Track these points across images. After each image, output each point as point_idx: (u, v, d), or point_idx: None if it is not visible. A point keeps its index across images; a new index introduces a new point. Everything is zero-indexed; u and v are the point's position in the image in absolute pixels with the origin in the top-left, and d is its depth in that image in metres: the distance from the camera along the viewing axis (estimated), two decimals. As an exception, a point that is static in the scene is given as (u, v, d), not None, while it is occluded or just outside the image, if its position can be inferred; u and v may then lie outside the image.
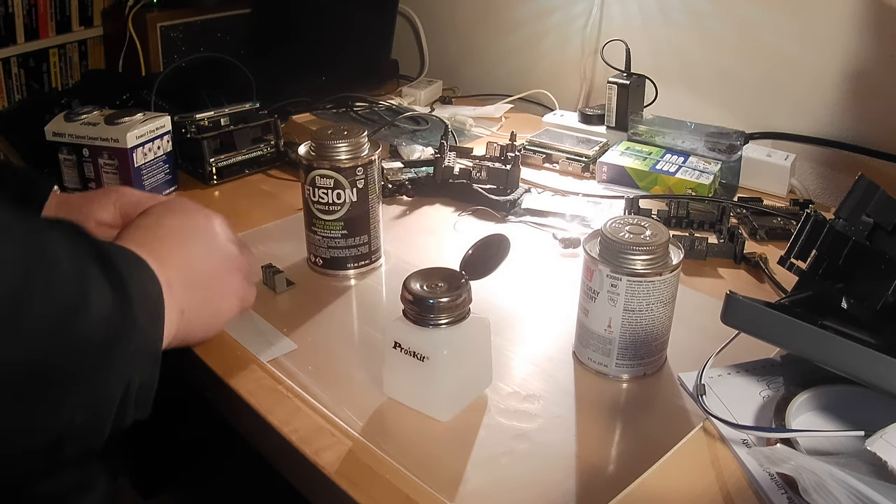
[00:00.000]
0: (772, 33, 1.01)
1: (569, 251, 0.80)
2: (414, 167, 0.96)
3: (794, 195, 0.96)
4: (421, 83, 1.37)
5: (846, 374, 0.50)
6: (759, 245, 0.82)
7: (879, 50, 0.92)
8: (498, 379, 0.59)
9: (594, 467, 0.51)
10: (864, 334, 0.55)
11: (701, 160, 0.96)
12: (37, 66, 1.46)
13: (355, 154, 0.71)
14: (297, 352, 0.63)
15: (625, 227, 0.57)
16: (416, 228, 0.87)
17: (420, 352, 0.53)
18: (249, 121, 1.02)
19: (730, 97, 1.09)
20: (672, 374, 0.61)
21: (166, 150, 0.96)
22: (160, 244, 0.51)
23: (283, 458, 0.55)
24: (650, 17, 1.14)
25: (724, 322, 0.54)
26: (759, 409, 0.55)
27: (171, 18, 1.45)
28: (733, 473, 0.50)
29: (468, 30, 1.44)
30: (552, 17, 1.28)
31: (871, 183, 0.64)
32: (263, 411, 0.56)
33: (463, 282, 0.53)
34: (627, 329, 0.57)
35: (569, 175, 1.02)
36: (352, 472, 0.50)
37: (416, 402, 0.56)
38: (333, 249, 0.74)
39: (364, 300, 0.73)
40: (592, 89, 1.27)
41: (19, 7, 1.39)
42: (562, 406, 0.57)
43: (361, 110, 1.26)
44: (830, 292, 0.63)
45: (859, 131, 0.97)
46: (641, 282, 0.55)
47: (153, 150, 0.93)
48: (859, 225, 0.63)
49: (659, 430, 0.54)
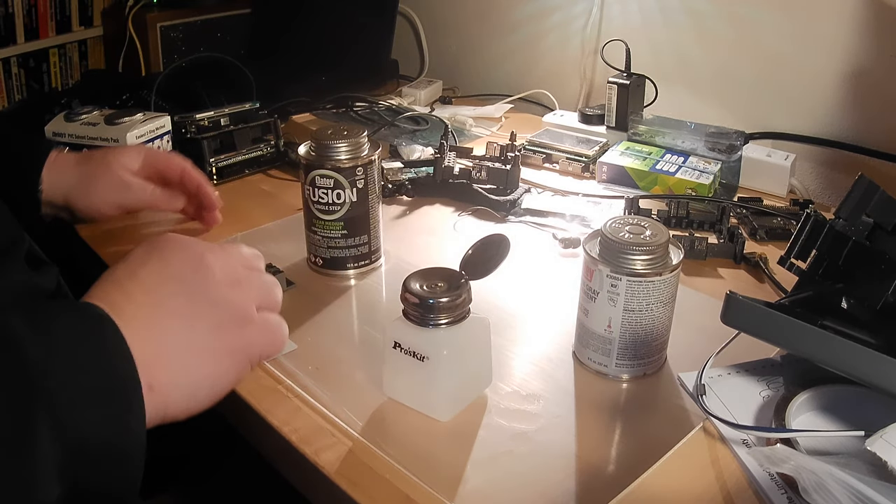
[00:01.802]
0: (772, 33, 1.01)
1: (569, 251, 0.80)
2: (414, 167, 0.96)
3: (794, 195, 0.96)
4: (421, 83, 1.37)
5: (846, 374, 0.50)
6: (759, 245, 0.82)
7: (879, 50, 0.92)
8: (498, 379, 0.59)
9: (594, 467, 0.51)
10: (864, 334, 0.55)
11: (701, 160, 0.96)
12: (37, 66, 1.46)
13: (355, 154, 0.71)
14: (297, 352, 0.63)
15: (625, 227, 0.57)
16: (416, 228, 0.87)
17: (420, 352, 0.53)
18: (249, 121, 1.02)
19: (730, 97, 1.09)
20: (672, 374, 0.61)
21: (166, 150, 0.96)
22: (127, 300, 0.41)
23: (283, 458, 0.55)
24: (650, 17, 1.14)
25: (724, 322, 0.54)
26: (759, 409, 0.55)
27: (171, 18, 1.45)
28: (733, 473, 0.50)
29: (468, 30, 1.44)
30: (552, 17, 1.28)
31: (871, 183, 0.64)
32: (263, 411, 0.56)
33: (463, 282, 0.53)
34: (627, 329, 0.57)
35: (569, 175, 1.02)
36: (352, 472, 0.50)
37: (416, 402, 0.56)
38: (333, 249, 0.74)
39: (364, 300, 0.73)
40: (592, 89, 1.27)
41: (19, 7, 1.39)
42: (562, 406, 0.57)
43: (361, 110, 1.26)
44: (830, 292, 0.63)
45: (859, 131, 0.97)
46: (641, 282, 0.55)
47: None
48: (859, 225, 0.63)
49: (659, 430, 0.54)
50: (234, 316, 0.44)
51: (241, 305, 0.45)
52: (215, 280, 0.44)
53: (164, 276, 0.43)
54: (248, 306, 0.45)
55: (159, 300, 0.42)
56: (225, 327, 0.44)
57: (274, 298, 0.48)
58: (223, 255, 0.46)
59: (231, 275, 0.45)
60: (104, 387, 0.36)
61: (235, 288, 0.45)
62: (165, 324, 0.41)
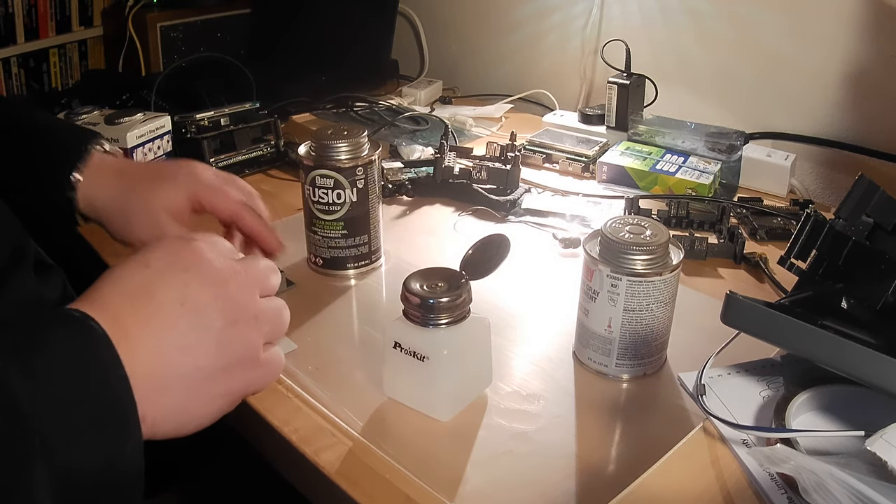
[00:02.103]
0: (772, 33, 1.01)
1: (569, 251, 0.80)
2: (414, 167, 0.96)
3: (794, 195, 0.96)
4: (421, 83, 1.37)
5: (846, 374, 0.50)
6: (759, 245, 0.82)
7: (879, 50, 0.92)
8: (498, 379, 0.59)
9: (594, 467, 0.51)
10: (864, 334, 0.55)
11: (701, 160, 0.96)
12: (37, 66, 1.46)
13: (355, 154, 0.71)
14: (297, 352, 0.63)
15: (625, 227, 0.57)
16: (416, 228, 0.87)
17: (420, 352, 0.53)
18: (249, 121, 1.02)
19: (730, 97, 1.09)
20: (672, 374, 0.61)
21: (166, 150, 0.96)
22: (129, 319, 0.38)
23: (283, 457, 0.55)
24: (650, 17, 1.14)
25: (724, 322, 0.54)
26: (759, 409, 0.55)
27: (171, 18, 1.45)
28: (733, 473, 0.50)
29: (468, 30, 1.44)
30: (552, 17, 1.28)
31: (871, 183, 0.64)
32: (263, 411, 0.56)
33: (463, 282, 0.53)
34: (627, 329, 0.57)
35: (569, 175, 1.02)
36: (352, 472, 0.50)
37: (416, 402, 0.56)
38: (333, 249, 0.74)
39: (364, 300, 0.73)
40: (592, 89, 1.27)
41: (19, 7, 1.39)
42: (562, 406, 0.57)
43: (361, 110, 1.26)
44: (830, 292, 0.63)
45: (859, 131, 0.97)
46: (641, 282, 0.55)
47: (153, 150, 0.93)
48: (859, 225, 0.63)
49: (659, 430, 0.54)
50: (242, 359, 0.42)
51: (251, 347, 0.42)
52: (232, 317, 0.41)
53: (181, 302, 0.40)
54: (257, 348, 0.43)
55: (170, 331, 0.39)
56: (231, 370, 0.41)
57: (283, 328, 0.45)
58: (246, 283, 0.43)
59: (249, 309, 0.42)
60: (101, 418, 0.35)
61: (251, 326, 0.42)
62: (171, 358, 0.39)
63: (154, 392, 0.38)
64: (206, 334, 0.40)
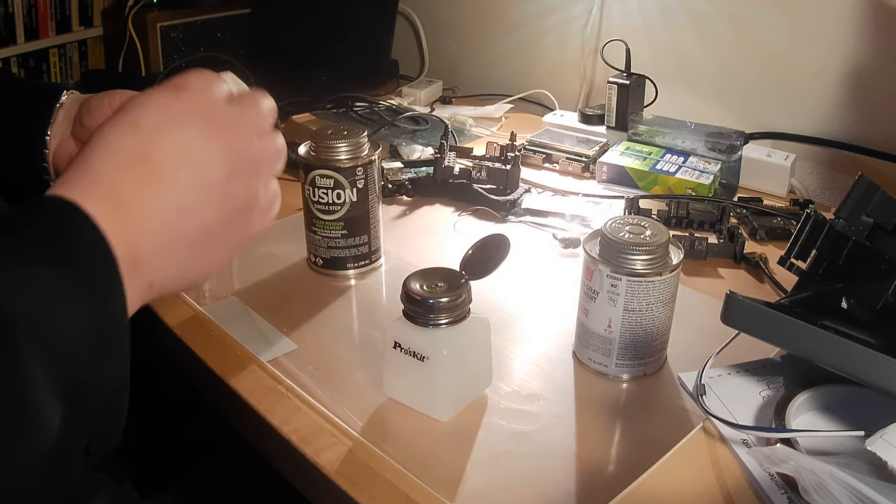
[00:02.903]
0: (772, 33, 1.01)
1: (569, 251, 0.80)
2: (414, 167, 0.96)
3: (794, 195, 0.96)
4: (421, 83, 1.37)
5: (846, 374, 0.50)
6: (759, 245, 0.82)
7: (879, 50, 0.92)
8: (498, 379, 0.59)
9: (594, 467, 0.51)
10: (864, 334, 0.55)
11: (701, 160, 0.96)
12: (37, 66, 1.46)
13: (355, 154, 0.71)
14: (297, 352, 0.63)
15: (625, 227, 0.57)
16: (416, 228, 0.87)
17: (420, 352, 0.53)
18: (249, 121, 1.02)
19: (730, 97, 1.09)
20: (672, 374, 0.61)
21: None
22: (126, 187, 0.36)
23: (283, 458, 0.55)
24: (650, 17, 1.14)
25: (724, 322, 0.54)
26: (759, 409, 0.55)
27: (171, 18, 1.45)
28: (733, 473, 0.50)
29: (468, 30, 1.44)
30: (552, 17, 1.28)
31: (871, 183, 0.64)
32: (263, 411, 0.56)
33: (463, 282, 0.53)
34: (627, 329, 0.57)
35: (569, 175, 1.02)
36: (352, 472, 0.50)
37: (416, 402, 0.56)
38: (333, 249, 0.74)
39: (364, 300, 0.73)
40: (592, 89, 1.27)
41: (19, 7, 1.39)
42: (562, 406, 0.57)
43: (361, 110, 1.26)
44: (830, 292, 0.63)
45: (859, 131, 0.97)
46: (641, 282, 0.55)
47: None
48: (859, 225, 0.63)
49: (659, 430, 0.54)
50: (246, 207, 0.41)
51: (253, 192, 0.41)
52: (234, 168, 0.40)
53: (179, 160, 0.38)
54: (259, 192, 0.42)
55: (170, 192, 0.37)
56: (234, 220, 0.41)
57: (279, 167, 0.44)
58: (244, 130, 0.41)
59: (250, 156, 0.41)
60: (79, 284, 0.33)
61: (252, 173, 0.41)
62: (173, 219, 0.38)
63: (158, 258, 0.37)
64: (207, 191, 0.39)
